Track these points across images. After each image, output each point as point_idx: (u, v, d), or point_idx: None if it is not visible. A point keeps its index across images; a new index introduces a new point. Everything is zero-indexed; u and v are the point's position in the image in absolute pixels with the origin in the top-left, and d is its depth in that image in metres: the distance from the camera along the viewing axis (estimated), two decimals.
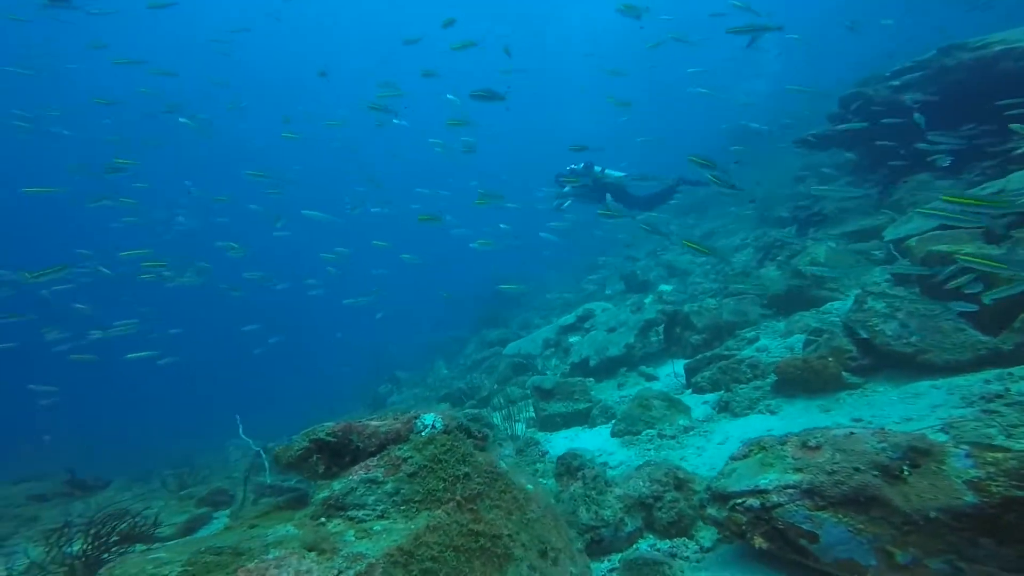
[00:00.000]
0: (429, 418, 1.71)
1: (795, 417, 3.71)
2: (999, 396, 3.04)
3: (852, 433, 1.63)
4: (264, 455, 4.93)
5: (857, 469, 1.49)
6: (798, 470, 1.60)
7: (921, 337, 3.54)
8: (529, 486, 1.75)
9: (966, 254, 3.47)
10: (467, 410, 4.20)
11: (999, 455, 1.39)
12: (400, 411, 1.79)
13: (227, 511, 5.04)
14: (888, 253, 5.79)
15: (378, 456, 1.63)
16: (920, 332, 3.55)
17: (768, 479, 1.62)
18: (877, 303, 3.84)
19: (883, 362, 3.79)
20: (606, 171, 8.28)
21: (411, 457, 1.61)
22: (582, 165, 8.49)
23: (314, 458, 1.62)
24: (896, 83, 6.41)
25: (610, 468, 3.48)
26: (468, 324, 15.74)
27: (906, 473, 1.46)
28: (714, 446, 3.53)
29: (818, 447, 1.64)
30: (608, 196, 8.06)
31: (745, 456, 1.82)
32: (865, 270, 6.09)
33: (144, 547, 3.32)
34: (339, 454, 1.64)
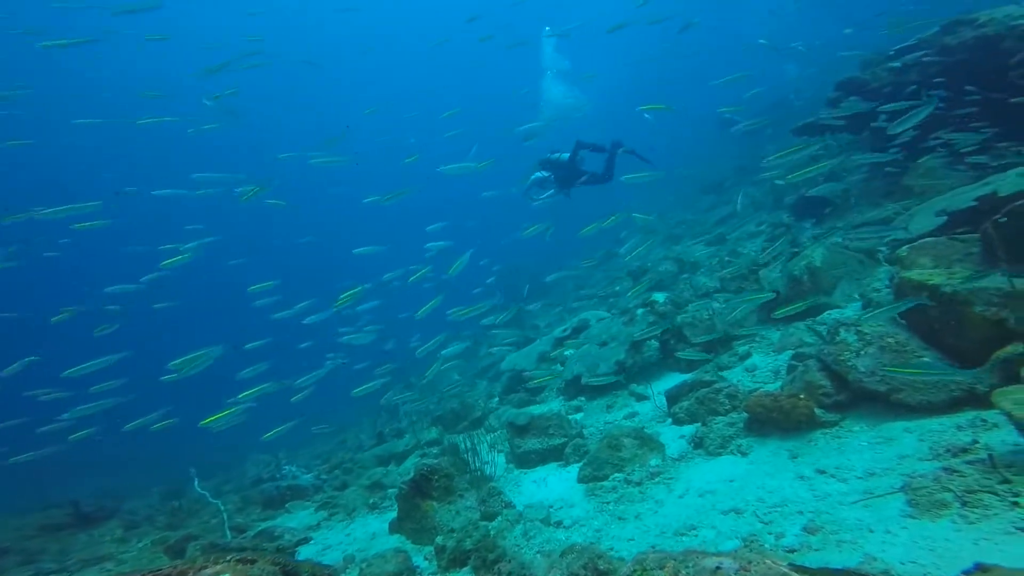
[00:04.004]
0: None
1: (764, 462, 3.67)
2: (965, 449, 2.92)
3: (719, 568, 1.65)
4: (223, 510, 5.23)
5: None
6: None
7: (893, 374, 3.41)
8: None
9: (933, 284, 3.30)
10: (428, 460, 4.33)
11: None
12: (210, 556, 1.78)
13: None
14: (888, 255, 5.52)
15: None
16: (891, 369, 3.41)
17: None
18: (849, 335, 3.70)
19: (858, 398, 3.68)
20: (562, 155, 8.36)
21: None
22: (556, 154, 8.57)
23: None
24: (897, 64, 5.95)
25: (563, 527, 3.56)
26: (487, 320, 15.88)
27: None
28: (674, 500, 3.54)
29: None
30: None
31: None
32: (867, 272, 5.83)
33: None
34: None
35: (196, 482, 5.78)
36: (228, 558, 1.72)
